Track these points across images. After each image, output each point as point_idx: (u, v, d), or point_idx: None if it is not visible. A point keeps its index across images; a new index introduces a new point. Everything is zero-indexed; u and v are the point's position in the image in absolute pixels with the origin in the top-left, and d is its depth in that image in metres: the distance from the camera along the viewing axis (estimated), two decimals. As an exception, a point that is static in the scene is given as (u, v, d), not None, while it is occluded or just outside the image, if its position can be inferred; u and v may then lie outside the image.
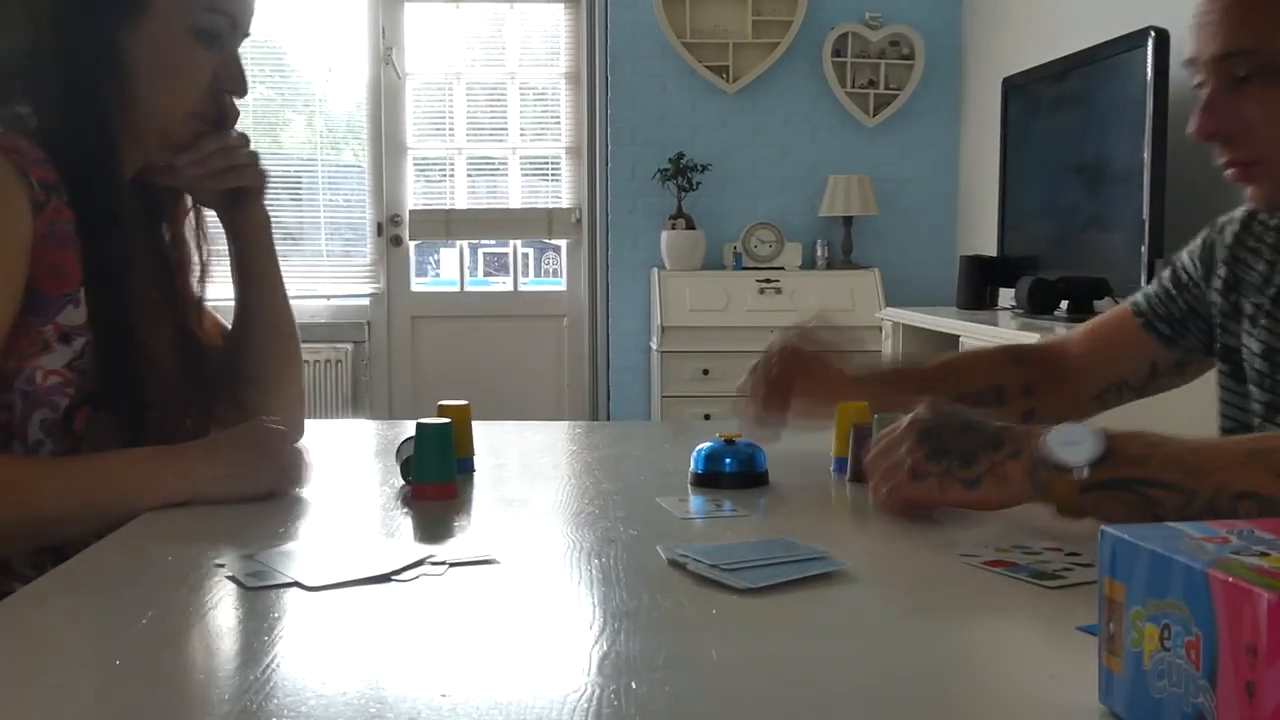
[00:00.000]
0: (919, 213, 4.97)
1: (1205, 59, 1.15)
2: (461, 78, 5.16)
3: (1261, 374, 1.27)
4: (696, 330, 4.56)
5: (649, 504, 1.15)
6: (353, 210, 5.12)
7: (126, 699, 0.67)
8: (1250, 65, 1.12)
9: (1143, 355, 1.41)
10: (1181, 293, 1.38)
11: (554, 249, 5.34)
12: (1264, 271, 1.28)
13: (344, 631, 0.77)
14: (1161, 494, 0.94)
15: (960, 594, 0.88)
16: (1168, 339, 1.39)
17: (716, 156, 4.86)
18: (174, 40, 1.18)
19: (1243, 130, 1.14)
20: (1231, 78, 1.13)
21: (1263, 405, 1.27)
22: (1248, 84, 1.12)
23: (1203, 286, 1.36)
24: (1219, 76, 1.14)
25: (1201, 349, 1.38)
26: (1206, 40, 1.14)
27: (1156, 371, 1.41)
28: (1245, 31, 1.12)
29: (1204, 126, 1.15)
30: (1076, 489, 0.97)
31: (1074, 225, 3.48)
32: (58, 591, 0.89)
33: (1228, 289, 1.32)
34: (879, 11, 4.89)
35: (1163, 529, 0.60)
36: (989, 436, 1.02)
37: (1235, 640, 0.51)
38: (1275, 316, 1.26)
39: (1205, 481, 0.93)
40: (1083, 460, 0.97)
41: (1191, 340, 1.38)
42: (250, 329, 1.34)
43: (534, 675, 0.70)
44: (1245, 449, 0.95)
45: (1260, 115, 1.12)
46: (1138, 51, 2.99)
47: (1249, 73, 1.12)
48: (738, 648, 0.74)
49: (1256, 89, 1.12)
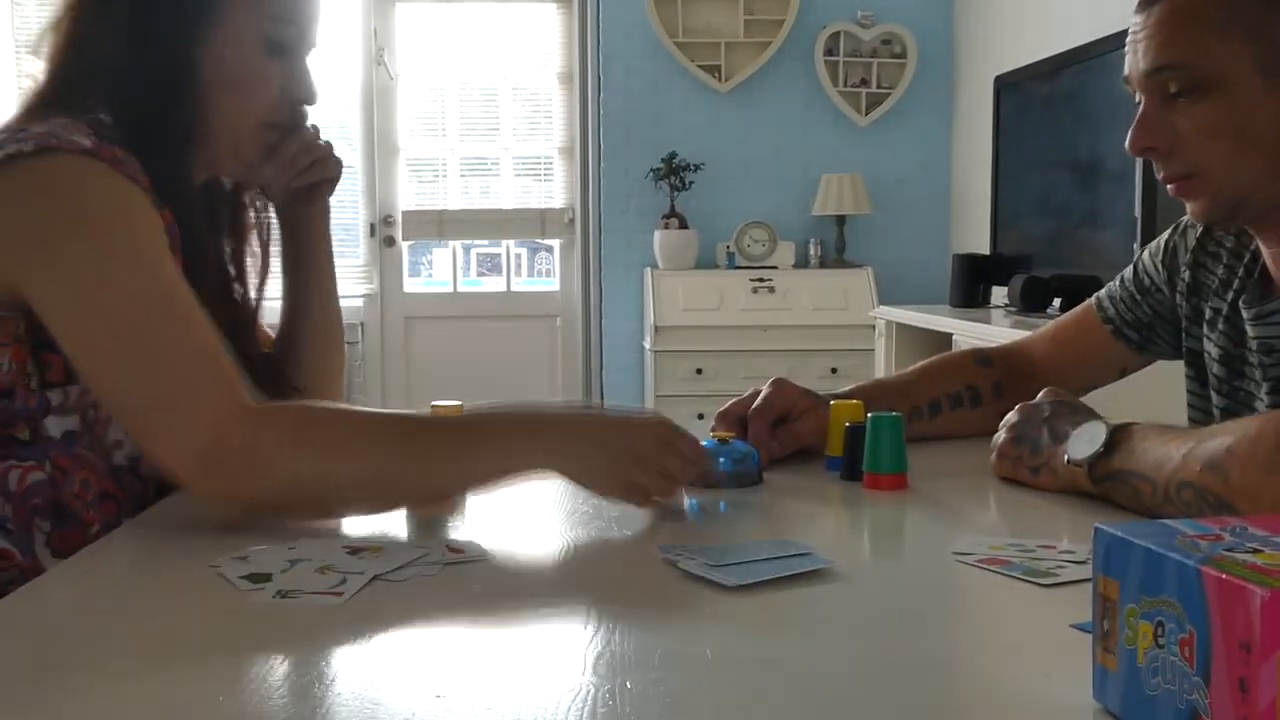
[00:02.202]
0: (912, 211, 4.97)
1: (1138, 75, 1.17)
2: (454, 78, 5.15)
3: (1219, 379, 1.29)
4: (690, 330, 4.56)
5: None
6: (345, 211, 5.11)
7: (122, 699, 0.67)
8: (1181, 80, 1.13)
9: (1112, 361, 1.43)
10: (1145, 298, 1.39)
11: (547, 249, 5.34)
12: (1223, 276, 1.29)
13: (338, 632, 0.77)
14: (1141, 484, 1.02)
15: (954, 592, 0.88)
16: (1137, 345, 1.41)
17: (709, 156, 4.87)
18: (244, 52, 1.18)
19: (1176, 144, 1.15)
20: (1164, 93, 1.15)
21: (1220, 411, 1.29)
22: (1179, 98, 1.14)
23: (1165, 291, 1.37)
24: (1151, 92, 1.16)
25: (1171, 351, 1.40)
26: (1139, 57, 1.17)
27: (1126, 373, 1.45)
28: (1175, 47, 1.14)
29: (1138, 142, 1.17)
30: (1091, 481, 1.06)
31: (1066, 223, 3.48)
32: (56, 590, 0.89)
33: (1190, 292, 1.33)
34: (871, 10, 4.89)
35: (1156, 526, 0.60)
36: (1055, 430, 1.12)
37: (1229, 637, 0.51)
38: (1232, 321, 1.27)
39: (1161, 473, 0.99)
40: (1083, 456, 1.06)
41: (1160, 345, 1.40)
42: (305, 324, 1.36)
43: (529, 675, 0.70)
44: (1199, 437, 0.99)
45: (1192, 129, 1.14)
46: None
47: (1180, 88, 1.14)
48: (733, 647, 0.74)
49: (1188, 103, 1.14)
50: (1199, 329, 1.32)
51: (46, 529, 1.10)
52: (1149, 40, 1.15)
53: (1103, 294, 1.44)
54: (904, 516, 1.09)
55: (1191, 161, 1.15)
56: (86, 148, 1.06)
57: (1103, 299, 1.43)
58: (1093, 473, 1.06)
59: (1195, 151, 1.15)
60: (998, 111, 3.92)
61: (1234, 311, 1.26)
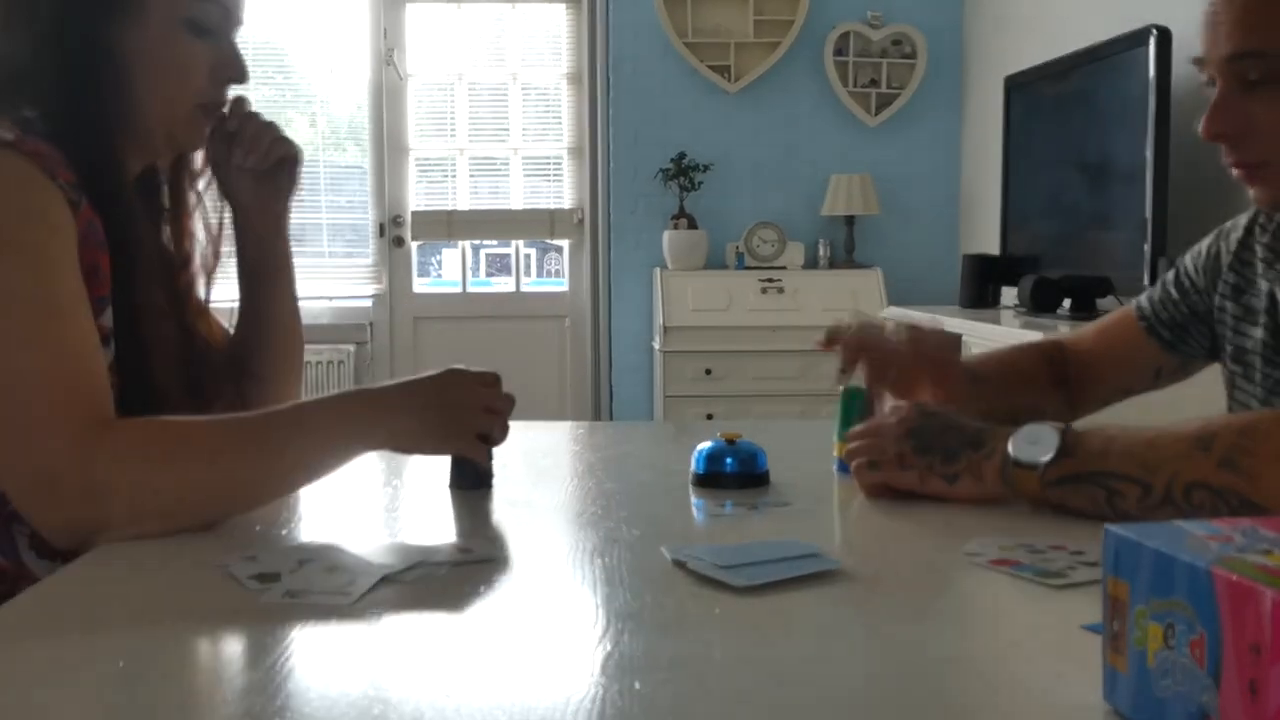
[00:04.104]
0: (921, 212, 4.96)
1: (1216, 59, 1.14)
2: (463, 78, 5.16)
3: (1264, 373, 1.29)
4: (699, 330, 4.56)
5: (652, 504, 1.15)
6: (355, 211, 5.12)
7: (130, 700, 0.67)
8: (1262, 68, 1.11)
9: (1147, 361, 1.43)
10: (1184, 298, 1.39)
11: (556, 249, 5.34)
12: (1263, 271, 1.29)
13: (346, 632, 0.77)
14: (1121, 485, 0.99)
15: (965, 592, 0.88)
16: (1169, 344, 1.41)
17: (718, 156, 4.86)
18: (168, 36, 1.18)
19: (1251, 132, 1.13)
20: (1242, 79, 1.12)
21: (1260, 405, 1.29)
22: (1259, 86, 1.12)
23: (1207, 295, 1.37)
24: (1229, 78, 1.14)
25: (1204, 353, 1.40)
26: (1218, 40, 1.13)
27: (1160, 375, 1.44)
28: (1259, 33, 1.11)
29: (1212, 127, 1.15)
30: (1041, 484, 1.03)
31: (1076, 224, 3.47)
32: (62, 592, 0.89)
33: (1237, 293, 1.33)
34: (880, 11, 4.88)
35: (1165, 527, 0.60)
36: (970, 436, 1.09)
37: (1239, 638, 0.51)
38: (1271, 314, 1.27)
39: (1158, 475, 0.97)
40: (1042, 457, 1.03)
41: (1193, 345, 1.40)
42: (264, 327, 1.35)
43: (538, 676, 0.70)
44: (1192, 437, 0.98)
45: (1269, 118, 1.12)
46: (1140, 50, 2.99)
47: (1260, 75, 1.11)
48: (741, 648, 0.74)
49: (1267, 92, 1.11)
50: (1247, 325, 1.32)
51: (26, 532, 1.08)
52: (1232, 25, 1.12)
53: (1143, 296, 1.45)
54: (914, 517, 1.09)
55: (1265, 150, 1.14)
56: (7, 140, 1.05)
57: (1142, 300, 1.45)
58: (1045, 475, 1.02)
59: (1269, 140, 1.13)
60: (1008, 112, 3.92)
61: (1272, 301, 1.26)
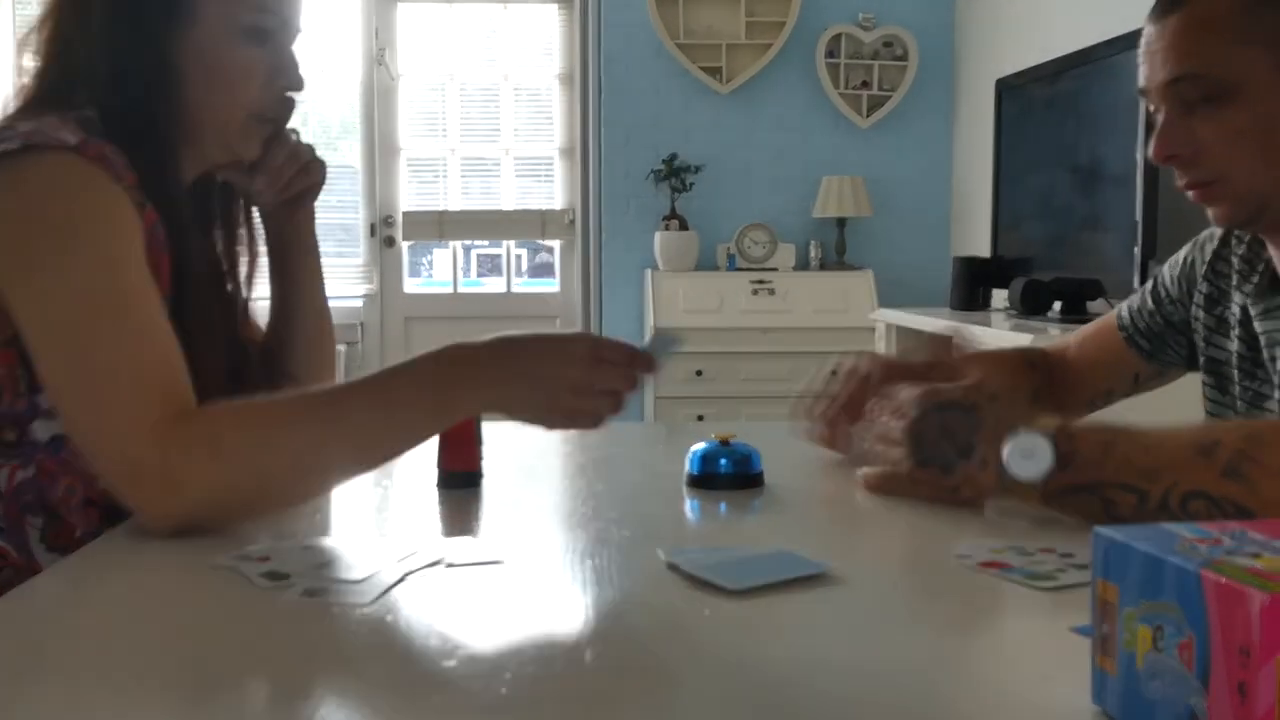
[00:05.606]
0: (912, 214, 4.97)
1: (1155, 86, 1.19)
2: (454, 78, 5.15)
3: (1238, 384, 1.32)
4: (690, 331, 4.56)
5: (642, 505, 1.15)
6: (346, 211, 5.11)
7: (130, 696, 0.67)
8: (1200, 88, 1.15)
9: (1126, 367, 1.46)
10: (1159, 308, 1.42)
11: (547, 250, 5.34)
12: (1236, 283, 1.32)
13: (340, 632, 0.77)
14: (1117, 494, 0.98)
15: (954, 595, 0.88)
16: (1147, 353, 1.44)
17: (710, 157, 4.87)
18: (224, 44, 1.17)
19: (1198, 152, 1.17)
20: (1184, 102, 1.17)
21: (1236, 416, 1.31)
22: (1199, 106, 1.16)
23: (1183, 304, 1.39)
24: (1171, 102, 1.18)
25: (1181, 362, 1.43)
26: (1155, 68, 1.18)
27: (1140, 380, 1.47)
28: (1194, 57, 1.15)
29: (1161, 151, 1.19)
30: (1039, 498, 1.02)
31: (1067, 227, 3.48)
32: (63, 585, 0.89)
33: (1210, 303, 1.36)
34: (872, 13, 4.89)
35: (1156, 530, 0.60)
36: (962, 444, 1.07)
37: (1228, 641, 0.51)
38: (1245, 325, 1.29)
39: (1156, 483, 0.97)
40: (1038, 475, 1.01)
41: (1170, 354, 1.43)
42: (294, 326, 1.35)
43: (529, 677, 0.70)
44: (1193, 444, 0.98)
45: (1214, 136, 1.16)
46: (1131, 53, 2.97)
47: (1199, 95, 1.15)
48: (732, 649, 0.74)
49: (1208, 111, 1.15)
50: (1220, 337, 1.34)
51: (39, 525, 1.10)
52: (1167, 51, 1.17)
53: (1124, 305, 1.48)
54: (905, 519, 1.09)
55: (1214, 168, 1.17)
56: (71, 144, 1.05)
57: (1123, 309, 1.47)
58: (1044, 491, 1.01)
59: (1218, 158, 1.16)
60: (999, 114, 3.92)
61: (1245, 315, 1.29)
